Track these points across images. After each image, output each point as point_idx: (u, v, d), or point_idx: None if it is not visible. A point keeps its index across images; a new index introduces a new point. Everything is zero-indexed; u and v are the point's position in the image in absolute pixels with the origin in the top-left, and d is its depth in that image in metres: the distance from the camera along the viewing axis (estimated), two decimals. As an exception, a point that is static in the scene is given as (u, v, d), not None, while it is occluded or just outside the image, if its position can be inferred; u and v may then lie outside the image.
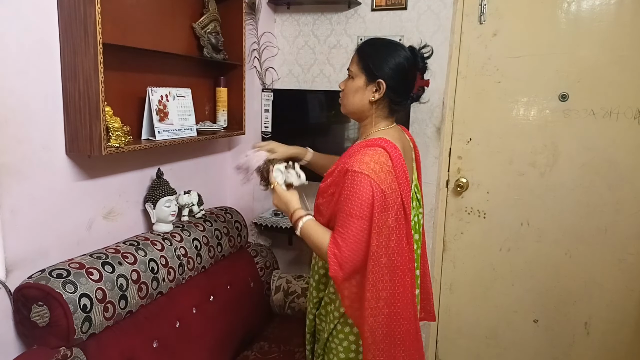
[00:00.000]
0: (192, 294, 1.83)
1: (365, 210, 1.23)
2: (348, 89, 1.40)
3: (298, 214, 1.37)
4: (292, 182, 1.47)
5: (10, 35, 1.31)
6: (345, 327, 1.41)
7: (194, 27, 2.01)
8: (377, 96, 1.34)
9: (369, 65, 1.35)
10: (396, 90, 1.35)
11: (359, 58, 1.38)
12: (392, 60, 1.34)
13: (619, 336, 2.27)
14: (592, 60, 2.14)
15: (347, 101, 1.41)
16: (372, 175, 1.23)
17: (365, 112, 1.39)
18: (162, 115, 1.75)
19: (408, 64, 1.35)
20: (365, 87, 1.36)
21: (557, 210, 2.28)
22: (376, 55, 1.35)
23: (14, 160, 1.34)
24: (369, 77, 1.35)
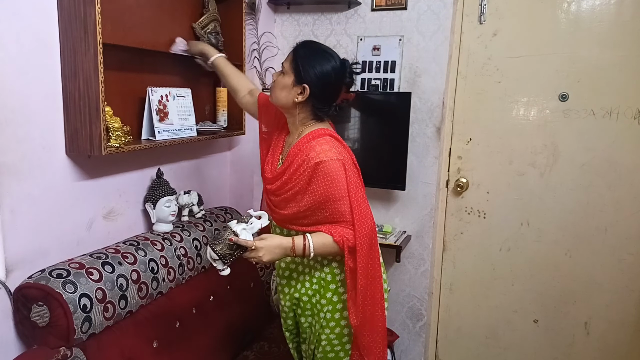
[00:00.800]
0: (192, 294, 1.83)
1: (345, 189, 1.37)
2: (278, 82, 1.46)
3: (299, 242, 1.38)
4: (258, 229, 1.39)
5: (10, 35, 1.31)
6: (335, 313, 1.47)
7: (194, 27, 2.01)
8: (300, 99, 1.41)
9: (299, 67, 1.40)
10: (318, 97, 1.42)
11: (293, 57, 1.43)
12: (321, 68, 1.40)
13: (619, 336, 2.27)
14: (592, 60, 2.14)
15: (274, 94, 1.48)
16: (335, 157, 1.36)
17: (290, 110, 1.47)
18: (162, 115, 1.75)
19: (335, 75, 1.42)
20: (292, 87, 1.42)
21: (557, 210, 2.28)
22: (308, 60, 1.41)
23: (14, 160, 1.34)
24: (297, 79, 1.41)
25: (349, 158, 1.43)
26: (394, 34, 2.36)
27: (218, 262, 1.34)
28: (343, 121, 2.39)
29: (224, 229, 1.36)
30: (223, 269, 1.36)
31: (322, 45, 1.48)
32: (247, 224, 1.37)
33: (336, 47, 2.47)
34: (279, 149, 1.55)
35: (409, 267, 2.47)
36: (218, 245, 1.33)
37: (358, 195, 1.40)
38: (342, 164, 1.37)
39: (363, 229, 1.39)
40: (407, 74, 2.36)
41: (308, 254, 1.37)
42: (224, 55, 1.84)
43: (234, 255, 1.34)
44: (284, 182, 1.44)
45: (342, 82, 1.45)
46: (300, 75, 1.40)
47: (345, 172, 1.37)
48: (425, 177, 2.38)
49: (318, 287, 1.50)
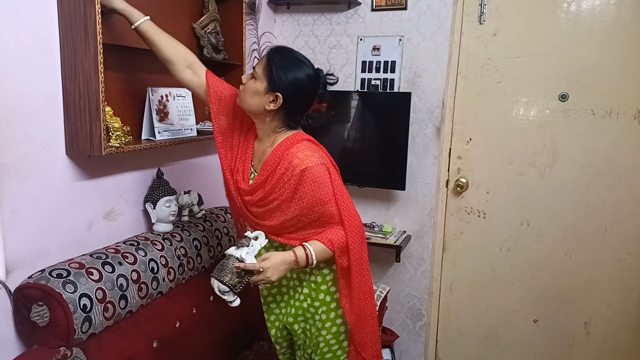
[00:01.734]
0: (192, 294, 1.83)
1: (331, 191, 1.38)
2: (248, 87, 1.39)
3: (300, 253, 1.36)
4: (259, 249, 1.35)
5: (10, 35, 1.31)
6: (330, 313, 1.48)
7: (194, 27, 2.00)
8: (272, 107, 1.36)
9: (273, 74, 1.35)
10: (291, 106, 1.38)
11: (266, 63, 1.37)
12: (295, 76, 1.36)
13: (619, 336, 2.27)
14: (592, 60, 2.14)
15: (244, 98, 1.41)
16: (319, 162, 1.37)
17: (260, 116, 1.42)
18: (162, 115, 1.75)
19: (309, 85, 1.38)
20: (264, 94, 1.36)
21: (557, 210, 2.28)
22: (283, 67, 1.36)
23: (14, 160, 1.34)
24: (270, 86, 1.35)
25: (329, 160, 1.44)
26: (394, 34, 2.36)
27: (228, 294, 1.29)
28: (343, 121, 2.39)
29: (227, 258, 1.30)
30: (234, 300, 1.31)
31: (297, 53, 1.43)
32: (249, 247, 1.32)
33: (336, 47, 2.48)
34: (249, 157, 1.49)
35: (408, 267, 2.47)
36: (226, 276, 1.28)
37: (344, 196, 1.41)
38: (326, 168, 1.38)
39: (353, 227, 1.40)
40: (407, 74, 2.36)
41: (311, 262, 1.35)
42: (149, 18, 1.50)
43: (243, 283, 1.29)
44: (267, 192, 1.40)
45: (315, 92, 1.41)
46: (273, 83, 1.35)
47: (330, 175, 1.38)
48: (425, 177, 2.38)
49: (309, 291, 1.49)
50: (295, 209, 1.38)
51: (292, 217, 1.40)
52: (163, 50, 1.51)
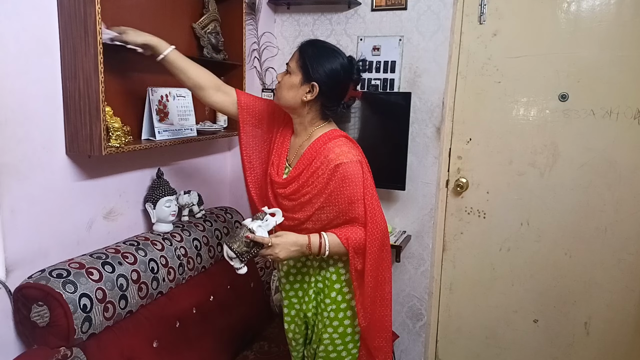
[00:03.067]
0: (192, 294, 1.83)
1: (362, 191, 1.37)
2: (284, 83, 1.43)
3: (315, 240, 1.37)
4: (273, 226, 1.37)
5: (10, 35, 1.31)
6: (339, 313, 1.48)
7: (194, 27, 2.01)
8: (309, 97, 1.39)
9: (307, 66, 1.38)
10: (328, 95, 1.40)
11: (299, 56, 1.41)
12: (329, 66, 1.38)
13: (619, 336, 2.27)
14: (592, 60, 2.14)
15: (281, 94, 1.44)
16: (355, 159, 1.37)
17: (297, 110, 1.44)
18: (162, 115, 1.75)
19: (344, 72, 1.40)
20: (300, 86, 1.39)
21: (557, 210, 2.28)
22: (316, 58, 1.39)
23: (14, 160, 1.34)
24: (305, 77, 1.39)
25: (363, 159, 1.42)
26: (394, 34, 2.36)
27: (235, 260, 1.33)
28: (343, 121, 2.39)
29: (240, 227, 1.35)
30: (240, 267, 1.34)
31: (328, 43, 1.46)
32: (263, 221, 1.35)
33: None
34: (285, 152, 1.51)
35: (408, 267, 2.47)
36: (235, 243, 1.32)
37: (373, 198, 1.40)
38: (361, 166, 1.38)
39: (375, 231, 1.38)
40: (407, 74, 2.36)
41: (324, 252, 1.36)
42: (174, 47, 1.53)
43: (251, 253, 1.33)
44: (300, 185, 1.41)
45: (350, 79, 1.43)
46: (308, 74, 1.38)
47: (363, 174, 1.37)
48: (425, 177, 2.38)
49: (322, 286, 1.49)
50: (322, 203, 1.38)
51: (318, 210, 1.39)
52: (192, 77, 1.54)
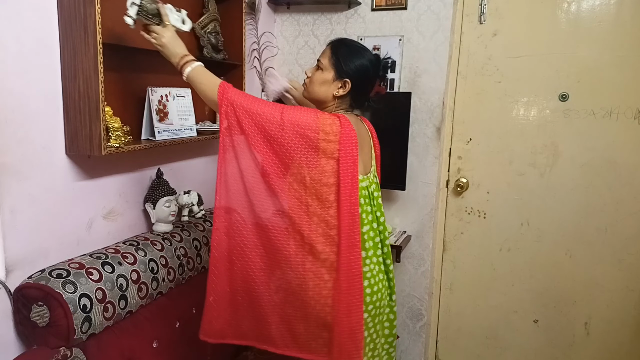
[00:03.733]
0: (192, 294, 1.83)
1: (290, 111, 1.33)
2: (316, 78, 1.50)
3: (187, 59, 1.42)
4: (179, 24, 1.47)
5: (10, 35, 1.31)
6: None
7: (194, 27, 2.00)
8: (341, 92, 1.47)
9: (340, 63, 1.45)
10: (357, 90, 1.48)
11: (331, 53, 1.48)
12: (359, 62, 1.46)
13: (619, 336, 2.27)
14: (592, 60, 2.14)
15: (312, 89, 1.51)
16: (319, 119, 1.33)
17: (327, 103, 1.51)
18: (162, 115, 1.75)
19: (372, 69, 1.48)
20: (332, 82, 1.47)
21: (557, 210, 2.28)
22: (348, 55, 1.46)
23: (14, 160, 1.34)
24: (338, 74, 1.46)
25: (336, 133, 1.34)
26: (394, 34, 2.36)
27: (133, 7, 1.35)
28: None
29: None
30: (130, 18, 1.36)
31: (357, 43, 1.55)
32: (180, 14, 1.48)
33: (336, 47, 2.47)
34: None
35: (409, 267, 2.47)
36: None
37: (293, 110, 1.36)
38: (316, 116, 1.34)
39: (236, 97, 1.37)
40: (407, 74, 2.36)
41: (183, 73, 1.40)
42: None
43: (148, 16, 1.39)
44: None
45: (377, 75, 1.51)
46: (341, 70, 1.45)
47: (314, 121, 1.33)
48: (425, 177, 2.38)
49: None
50: None
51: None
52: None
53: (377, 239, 1.51)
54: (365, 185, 1.47)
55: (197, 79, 1.40)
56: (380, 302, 1.47)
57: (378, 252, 1.50)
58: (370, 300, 1.43)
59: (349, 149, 1.35)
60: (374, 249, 1.48)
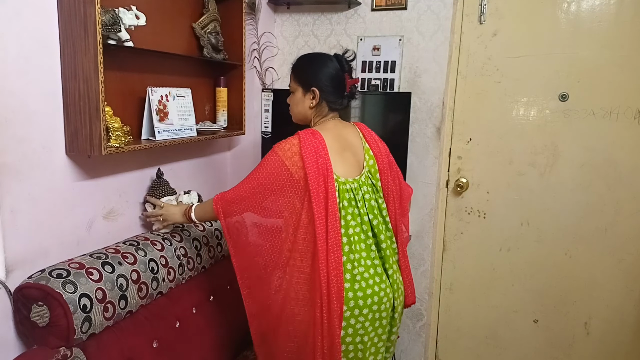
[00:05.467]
0: (192, 294, 1.83)
1: (264, 175, 1.45)
2: (292, 102, 1.61)
3: (185, 210, 1.67)
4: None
5: (10, 36, 1.31)
6: None
7: (194, 27, 2.01)
8: (314, 102, 1.55)
9: (302, 78, 1.56)
10: (330, 92, 1.54)
11: (294, 75, 1.59)
12: (320, 69, 1.54)
13: (619, 336, 2.27)
14: (592, 60, 2.14)
15: (293, 112, 1.63)
16: (280, 153, 1.44)
17: (308, 116, 1.60)
18: (162, 115, 1.75)
19: (334, 69, 1.54)
20: (304, 97, 1.56)
21: (557, 210, 2.28)
22: (306, 68, 1.57)
23: (14, 160, 1.34)
24: (305, 88, 1.55)
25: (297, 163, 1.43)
26: (394, 34, 2.36)
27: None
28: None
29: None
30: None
31: (313, 53, 1.64)
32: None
33: (336, 47, 2.47)
34: None
35: (409, 267, 2.47)
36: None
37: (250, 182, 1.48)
38: (277, 157, 1.44)
39: (221, 201, 1.53)
40: (407, 74, 2.36)
41: (189, 215, 1.64)
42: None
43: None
44: None
45: (342, 71, 1.55)
46: (305, 82, 1.54)
47: (275, 167, 1.44)
48: (425, 177, 2.38)
49: None
50: None
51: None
52: None
53: (370, 241, 1.49)
54: (349, 188, 1.47)
55: (201, 215, 1.64)
56: (379, 306, 1.45)
57: (372, 255, 1.48)
58: (363, 303, 1.42)
59: (312, 156, 1.42)
60: (367, 251, 1.46)
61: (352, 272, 1.42)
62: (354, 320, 1.42)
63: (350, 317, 1.41)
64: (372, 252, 1.49)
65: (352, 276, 1.42)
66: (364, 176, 1.53)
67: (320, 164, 1.42)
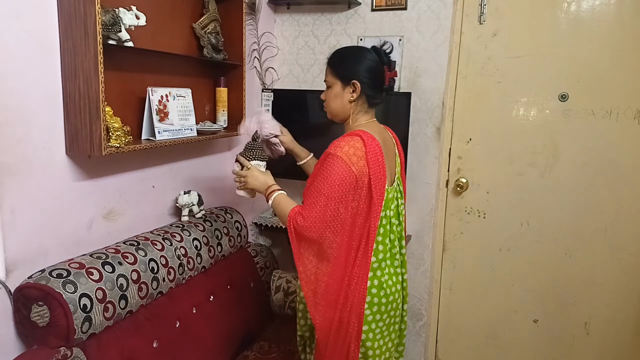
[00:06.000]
0: (192, 294, 1.83)
1: (335, 190, 1.36)
2: (328, 97, 1.54)
3: (274, 187, 1.52)
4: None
5: (10, 35, 1.31)
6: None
7: (194, 27, 2.01)
8: (355, 95, 1.49)
9: (341, 72, 1.50)
10: (370, 85, 1.49)
11: (331, 68, 1.53)
12: (360, 61, 1.49)
13: (619, 336, 2.27)
14: (592, 60, 2.14)
15: (330, 108, 1.55)
16: (345, 159, 1.36)
17: (347, 112, 1.53)
18: (162, 115, 1.75)
19: (374, 61, 1.50)
20: (343, 91, 1.50)
21: (557, 210, 2.28)
22: (345, 61, 1.51)
23: (14, 160, 1.34)
24: (344, 82, 1.49)
25: (363, 169, 1.38)
26: (394, 34, 2.36)
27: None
28: (343, 121, 2.39)
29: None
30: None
31: (349, 46, 1.60)
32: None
33: (336, 47, 2.46)
34: None
35: (408, 267, 2.47)
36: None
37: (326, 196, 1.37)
38: (344, 165, 1.36)
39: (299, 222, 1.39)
40: (407, 74, 2.36)
41: (270, 201, 1.50)
42: (312, 155, 1.79)
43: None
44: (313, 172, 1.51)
45: (382, 64, 1.51)
46: (344, 76, 1.48)
47: (344, 176, 1.36)
48: (425, 177, 2.38)
49: None
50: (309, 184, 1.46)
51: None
52: None
53: (395, 250, 1.51)
54: (391, 197, 1.49)
55: (276, 210, 1.51)
56: (395, 312, 1.50)
57: (395, 263, 1.51)
58: (385, 309, 1.46)
59: (375, 162, 1.39)
60: (391, 259, 1.49)
61: (381, 279, 1.46)
62: (375, 324, 1.46)
63: (372, 322, 1.46)
64: (396, 260, 1.52)
65: (380, 283, 1.46)
66: (395, 183, 1.54)
67: (380, 171, 1.40)
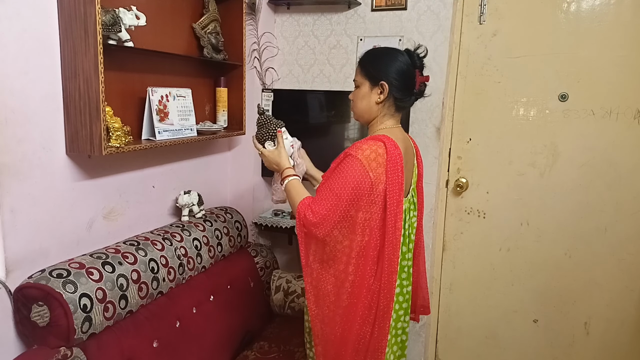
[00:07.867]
0: (192, 294, 1.83)
1: (347, 191, 1.31)
2: (356, 97, 1.50)
3: (287, 173, 1.49)
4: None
5: (10, 36, 1.31)
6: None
7: (194, 28, 2.01)
8: (382, 97, 1.43)
9: (370, 72, 1.45)
10: (399, 88, 1.43)
11: (361, 68, 1.48)
12: (390, 63, 1.44)
13: (619, 336, 2.27)
14: (592, 60, 2.14)
15: (356, 108, 1.51)
16: (364, 162, 1.32)
17: (373, 114, 1.48)
18: (162, 115, 1.75)
19: (406, 64, 1.45)
20: (371, 91, 1.45)
21: (557, 210, 2.28)
22: (376, 62, 1.46)
23: (14, 160, 1.34)
24: (372, 82, 1.44)
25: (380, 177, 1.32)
26: (394, 34, 2.36)
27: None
28: (343, 121, 2.39)
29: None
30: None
31: (382, 47, 1.55)
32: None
33: (336, 47, 2.47)
34: None
35: (409, 267, 2.47)
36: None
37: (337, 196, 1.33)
38: (361, 169, 1.31)
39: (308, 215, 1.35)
40: (407, 74, 2.36)
41: (284, 183, 1.48)
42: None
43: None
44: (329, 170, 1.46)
45: (414, 66, 1.46)
46: (373, 77, 1.44)
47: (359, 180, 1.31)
48: (425, 177, 2.37)
49: None
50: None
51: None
52: None
53: (404, 263, 1.48)
54: (406, 208, 1.44)
55: (287, 194, 1.48)
56: (402, 324, 1.51)
57: (403, 276, 1.48)
58: (394, 325, 1.47)
59: (394, 171, 1.34)
60: (400, 271, 1.46)
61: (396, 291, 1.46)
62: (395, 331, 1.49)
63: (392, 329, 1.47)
64: (404, 272, 1.49)
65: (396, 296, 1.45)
66: (410, 194, 1.49)
67: (398, 180, 1.34)
